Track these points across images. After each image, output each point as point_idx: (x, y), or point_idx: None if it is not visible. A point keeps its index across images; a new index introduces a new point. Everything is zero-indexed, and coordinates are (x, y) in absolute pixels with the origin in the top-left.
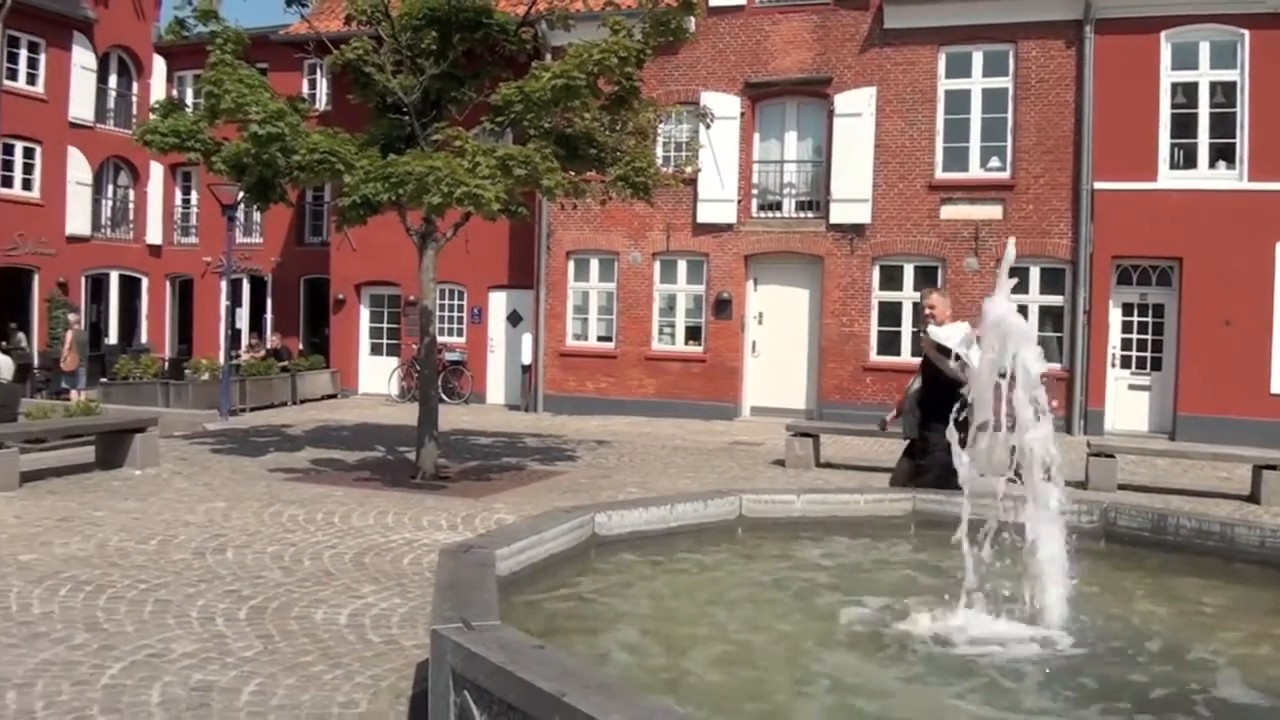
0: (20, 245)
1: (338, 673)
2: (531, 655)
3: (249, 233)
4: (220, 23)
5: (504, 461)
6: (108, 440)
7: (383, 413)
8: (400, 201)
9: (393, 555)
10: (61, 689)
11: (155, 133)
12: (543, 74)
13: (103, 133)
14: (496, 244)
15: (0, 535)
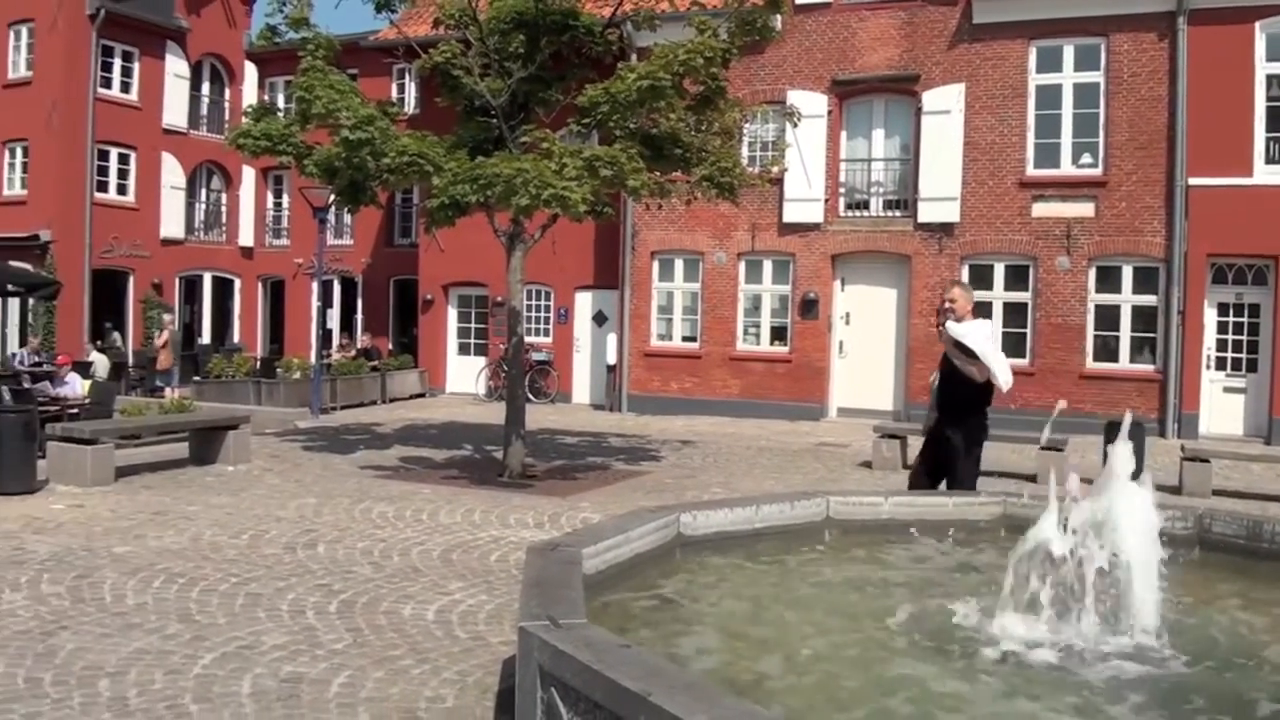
0: (116, 248)
1: (425, 667)
2: (618, 654)
3: (339, 235)
4: (311, 29)
5: (589, 461)
6: (201, 437)
7: (470, 412)
8: (488, 203)
9: (480, 552)
10: (154, 678)
11: (248, 136)
12: (628, 75)
13: (196, 138)
14: (582, 245)
15: (95, 528)
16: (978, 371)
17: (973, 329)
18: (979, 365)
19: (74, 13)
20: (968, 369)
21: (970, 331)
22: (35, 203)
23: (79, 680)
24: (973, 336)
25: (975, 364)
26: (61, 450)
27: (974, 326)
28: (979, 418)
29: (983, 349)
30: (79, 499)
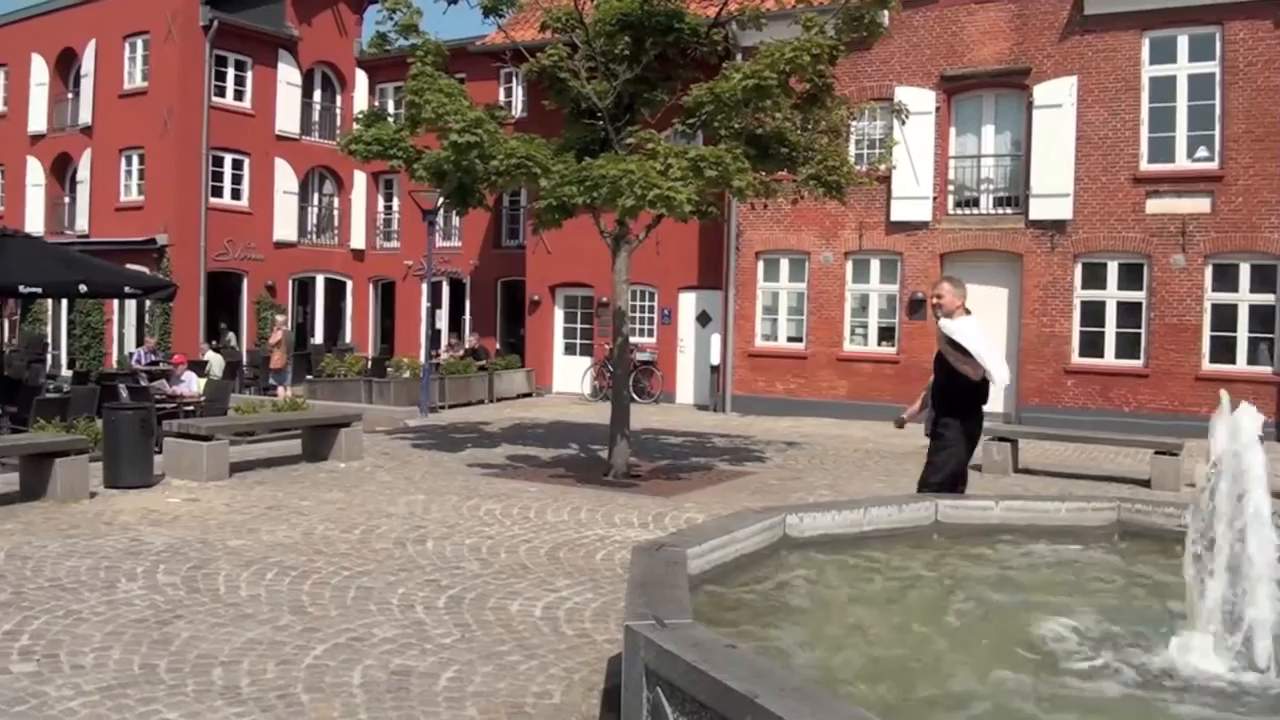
0: (230, 251)
1: (532, 663)
2: (724, 655)
3: (448, 237)
4: (421, 36)
5: (693, 461)
6: (314, 434)
7: (575, 411)
8: (594, 204)
9: (585, 551)
10: (267, 668)
11: (359, 141)
12: (734, 74)
13: (308, 144)
14: (686, 245)
15: (210, 521)
16: (971, 370)
17: (965, 326)
18: (973, 363)
19: (188, 24)
20: (962, 367)
21: (963, 328)
22: (152, 208)
23: (193, 668)
24: (965, 334)
25: (969, 362)
26: (178, 446)
27: (967, 323)
28: (975, 415)
29: (976, 346)
30: (194, 493)
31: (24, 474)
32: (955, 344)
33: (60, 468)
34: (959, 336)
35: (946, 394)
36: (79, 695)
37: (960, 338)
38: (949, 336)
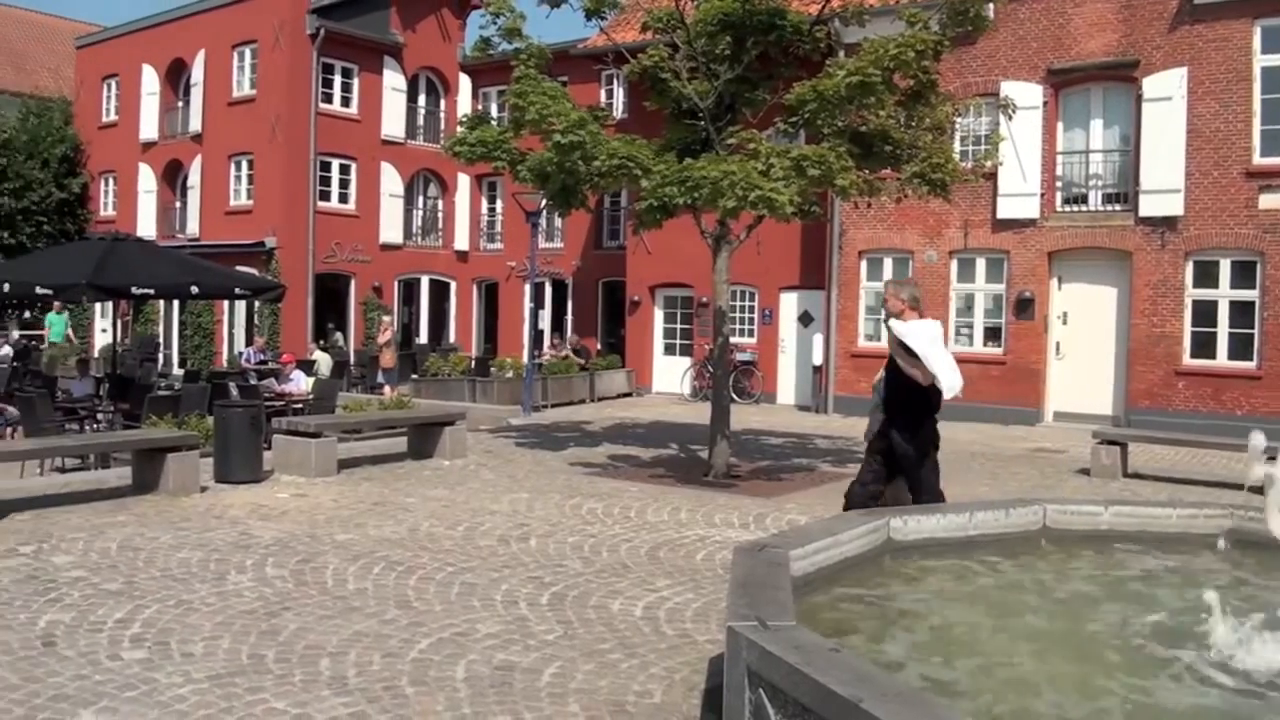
0: (338, 253)
1: (633, 662)
2: (827, 658)
3: (550, 238)
4: (524, 39)
5: (795, 462)
6: (420, 432)
7: (675, 411)
8: (695, 205)
9: (686, 551)
10: (373, 660)
11: (464, 144)
12: (837, 72)
13: (413, 148)
14: (788, 244)
15: (319, 516)
16: (921, 375)
17: (917, 329)
18: (922, 368)
19: (295, 33)
20: (911, 371)
21: (914, 331)
22: (261, 212)
23: (300, 659)
24: (916, 337)
25: (919, 366)
26: (287, 443)
27: (919, 326)
28: (929, 422)
29: (925, 351)
30: (302, 489)
31: (136, 468)
32: (904, 346)
33: (172, 463)
34: (910, 339)
35: (899, 402)
36: (188, 683)
37: (910, 340)
38: (898, 339)
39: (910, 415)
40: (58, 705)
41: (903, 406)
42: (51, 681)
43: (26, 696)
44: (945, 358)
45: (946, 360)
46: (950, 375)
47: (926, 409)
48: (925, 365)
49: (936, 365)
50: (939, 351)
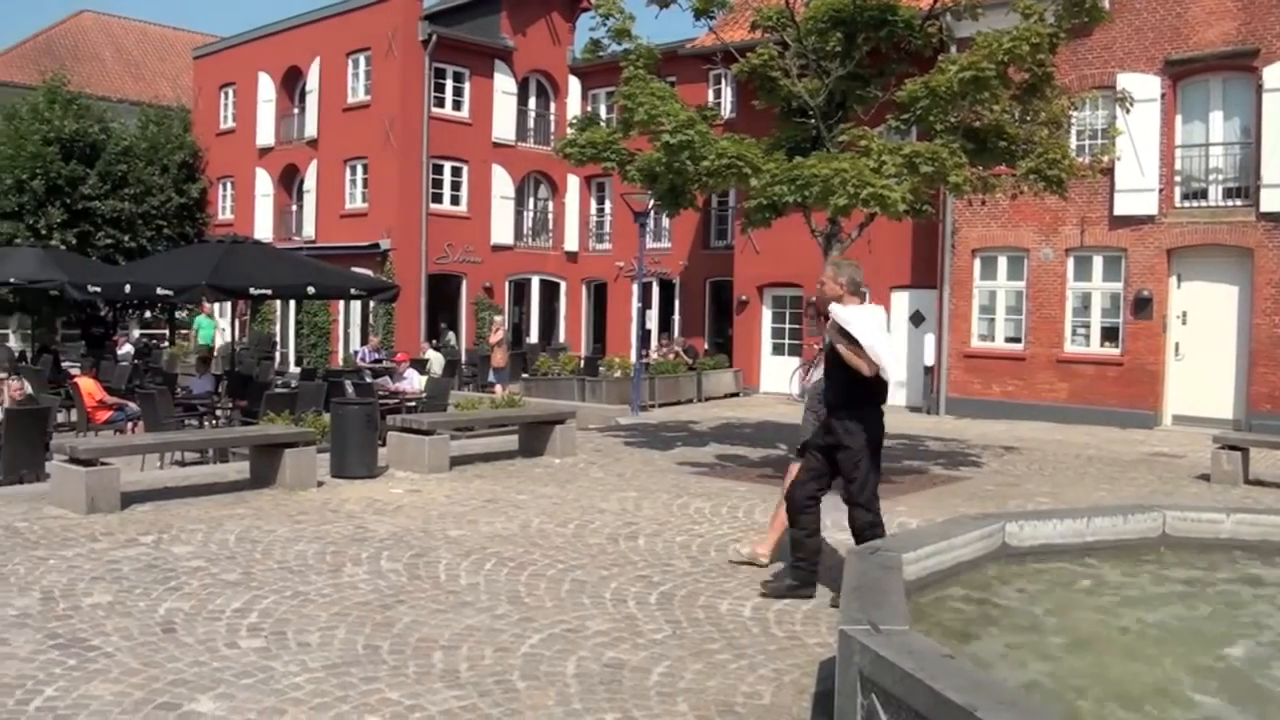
0: (449, 254)
1: (742, 663)
2: (941, 664)
3: (658, 238)
4: (633, 40)
5: (905, 465)
6: (530, 431)
7: (782, 411)
8: (805, 203)
9: None
10: (484, 654)
11: (574, 145)
12: (949, 67)
13: (523, 150)
14: (899, 243)
15: (432, 512)
16: (865, 365)
17: (861, 314)
18: (866, 357)
19: (408, 39)
20: (855, 361)
21: (857, 317)
22: (375, 214)
23: (414, 651)
24: (859, 323)
25: (862, 355)
26: (401, 440)
27: (862, 311)
28: (873, 415)
29: (869, 339)
30: (416, 485)
31: (254, 463)
32: (845, 333)
33: (289, 458)
34: (852, 326)
35: (840, 392)
36: (304, 671)
37: (853, 327)
38: (840, 325)
39: (854, 408)
40: (176, 690)
41: (846, 399)
42: (170, 667)
43: (146, 681)
44: (888, 345)
45: (888, 347)
46: (892, 364)
47: (871, 400)
48: (869, 354)
49: (879, 352)
50: (883, 339)
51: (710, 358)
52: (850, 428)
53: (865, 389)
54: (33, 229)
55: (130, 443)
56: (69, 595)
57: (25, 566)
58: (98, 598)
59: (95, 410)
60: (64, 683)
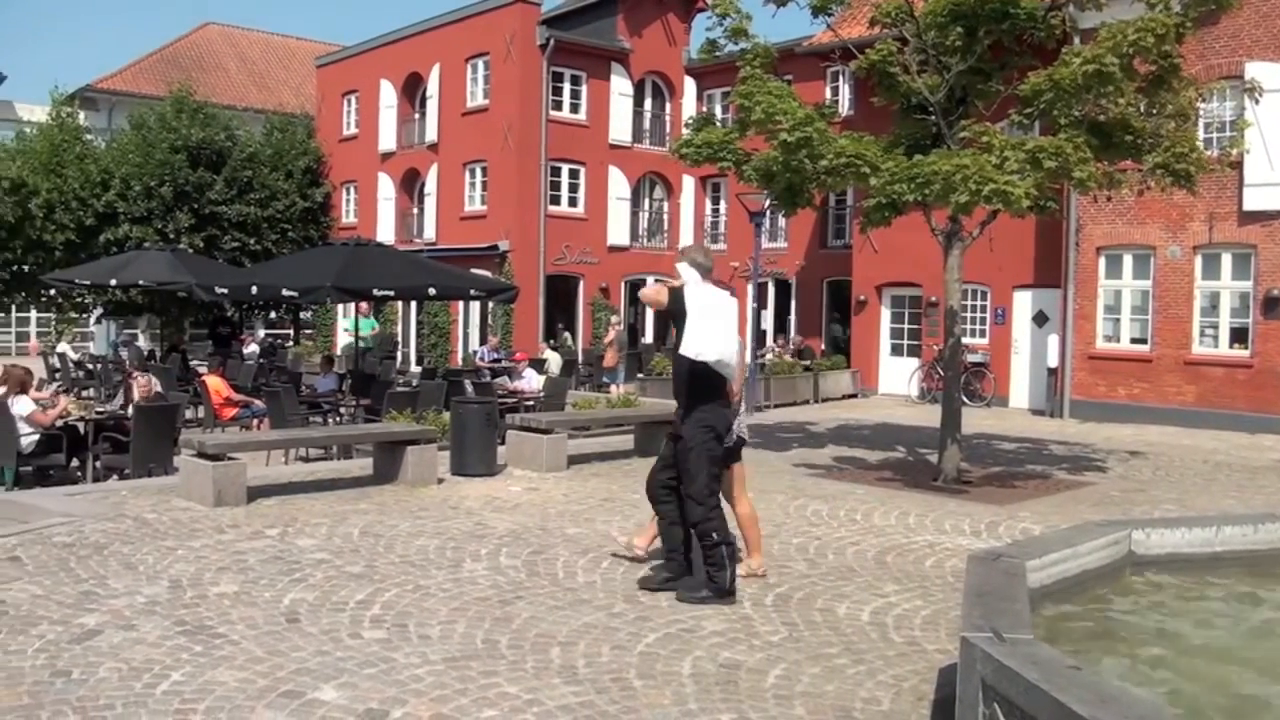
0: (567, 255)
1: (860, 668)
2: (1066, 675)
3: (774, 238)
4: (750, 40)
5: (1028, 469)
6: (646, 430)
7: (902, 413)
8: (925, 201)
9: (914, 556)
10: (601, 651)
11: (689, 145)
12: (1073, 60)
13: (639, 151)
14: (1021, 241)
15: (549, 510)
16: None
17: (696, 293)
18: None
19: (525, 44)
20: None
21: (691, 295)
22: (494, 216)
23: (532, 646)
24: (698, 296)
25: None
26: (519, 438)
27: (700, 291)
28: (712, 407)
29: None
30: (534, 483)
31: (377, 459)
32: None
33: (410, 455)
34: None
35: (680, 383)
36: (425, 663)
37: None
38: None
39: (692, 398)
40: (300, 678)
41: (686, 390)
42: (295, 656)
43: (271, 669)
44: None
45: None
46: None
47: (710, 392)
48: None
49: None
50: (710, 321)
51: (827, 358)
52: (687, 418)
53: (705, 381)
54: (161, 233)
55: (256, 439)
56: (196, 584)
57: (154, 556)
58: (224, 587)
59: (222, 407)
60: (190, 668)
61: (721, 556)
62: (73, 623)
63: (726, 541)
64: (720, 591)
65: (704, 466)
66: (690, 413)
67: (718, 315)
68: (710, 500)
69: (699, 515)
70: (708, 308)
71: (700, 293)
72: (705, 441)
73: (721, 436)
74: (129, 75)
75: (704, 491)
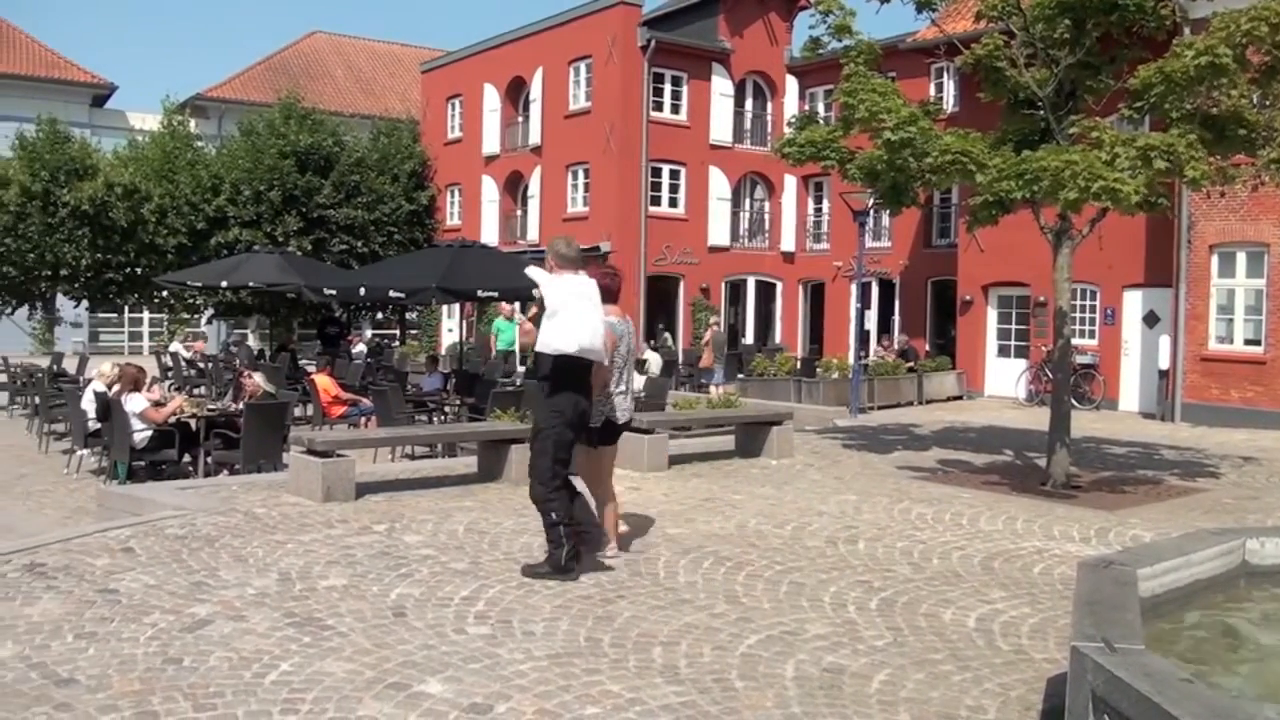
0: (668, 256)
1: (965, 675)
2: (1180, 689)
3: (877, 237)
4: (854, 37)
5: (1138, 474)
6: (747, 431)
7: (1009, 416)
8: (1034, 199)
9: (1022, 563)
10: (703, 651)
11: (792, 145)
12: (1184, 51)
13: (740, 151)
14: (1131, 239)
15: (650, 510)
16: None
17: (559, 281)
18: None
19: (627, 46)
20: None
21: (554, 282)
22: (596, 217)
23: (634, 645)
24: (553, 289)
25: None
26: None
27: (564, 280)
28: (566, 393)
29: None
30: (636, 483)
31: (482, 458)
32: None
33: (515, 453)
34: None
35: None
36: (529, 660)
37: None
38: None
39: (550, 381)
40: (406, 671)
41: (547, 372)
42: (401, 649)
43: (378, 661)
44: (578, 318)
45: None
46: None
47: (568, 376)
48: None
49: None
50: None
51: (931, 359)
52: (542, 400)
53: (565, 371)
54: (270, 236)
55: (364, 436)
56: (305, 577)
57: (264, 549)
58: (332, 581)
59: (330, 405)
60: (299, 659)
61: (560, 535)
62: (184, 612)
63: (565, 521)
64: (557, 568)
65: (549, 450)
66: (546, 398)
67: (574, 305)
68: (553, 482)
69: (539, 494)
70: (564, 300)
71: (555, 287)
72: (553, 425)
73: (574, 422)
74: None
75: (546, 473)
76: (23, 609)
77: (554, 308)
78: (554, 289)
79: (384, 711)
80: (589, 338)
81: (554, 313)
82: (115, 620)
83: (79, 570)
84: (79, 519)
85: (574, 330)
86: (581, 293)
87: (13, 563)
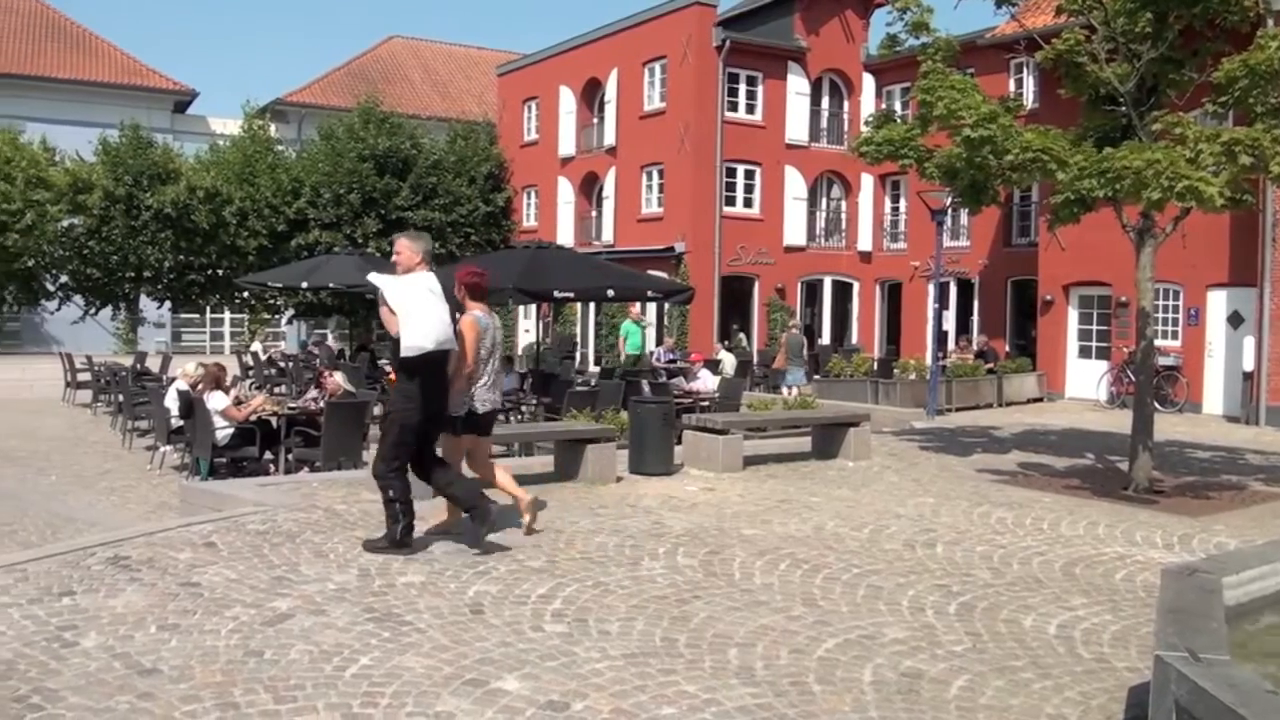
0: (743, 256)
1: (1046, 683)
2: (1266, 701)
3: (956, 236)
4: (932, 34)
5: (1222, 479)
6: (823, 432)
7: (1090, 418)
8: (1116, 197)
9: (1104, 569)
10: (779, 654)
11: (870, 143)
12: (1269, 44)
13: (816, 151)
14: (1215, 237)
15: (726, 510)
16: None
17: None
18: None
19: (701, 46)
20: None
21: (395, 283)
22: (671, 218)
23: (709, 646)
24: (394, 288)
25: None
26: (695, 438)
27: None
28: (418, 380)
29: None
30: (710, 483)
31: (558, 457)
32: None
33: (590, 453)
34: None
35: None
36: (605, 659)
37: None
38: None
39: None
40: (483, 668)
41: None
42: (478, 646)
43: (455, 657)
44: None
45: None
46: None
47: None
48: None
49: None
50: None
51: (1011, 360)
52: (400, 387)
53: (422, 365)
54: (350, 238)
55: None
56: (384, 574)
57: (344, 545)
58: (411, 577)
59: None
60: (378, 653)
61: (396, 512)
62: (265, 606)
63: (401, 500)
64: (393, 542)
65: (394, 432)
66: (399, 386)
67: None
68: (393, 462)
69: (380, 471)
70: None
71: (398, 288)
72: (402, 409)
73: (426, 409)
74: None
75: (390, 454)
76: (107, 601)
77: (404, 309)
78: (397, 291)
79: (461, 707)
80: (442, 330)
81: (406, 313)
82: (198, 613)
83: (162, 564)
84: (162, 514)
85: (428, 327)
86: (426, 288)
87: (97, 556)
